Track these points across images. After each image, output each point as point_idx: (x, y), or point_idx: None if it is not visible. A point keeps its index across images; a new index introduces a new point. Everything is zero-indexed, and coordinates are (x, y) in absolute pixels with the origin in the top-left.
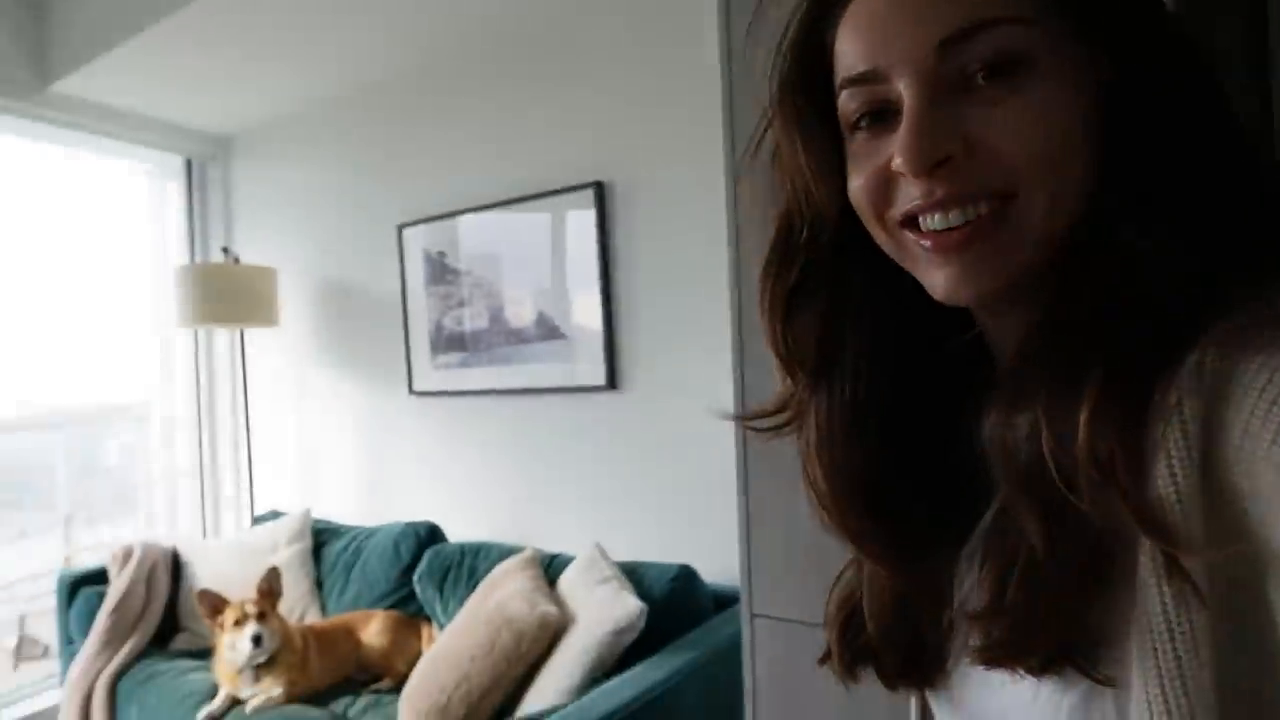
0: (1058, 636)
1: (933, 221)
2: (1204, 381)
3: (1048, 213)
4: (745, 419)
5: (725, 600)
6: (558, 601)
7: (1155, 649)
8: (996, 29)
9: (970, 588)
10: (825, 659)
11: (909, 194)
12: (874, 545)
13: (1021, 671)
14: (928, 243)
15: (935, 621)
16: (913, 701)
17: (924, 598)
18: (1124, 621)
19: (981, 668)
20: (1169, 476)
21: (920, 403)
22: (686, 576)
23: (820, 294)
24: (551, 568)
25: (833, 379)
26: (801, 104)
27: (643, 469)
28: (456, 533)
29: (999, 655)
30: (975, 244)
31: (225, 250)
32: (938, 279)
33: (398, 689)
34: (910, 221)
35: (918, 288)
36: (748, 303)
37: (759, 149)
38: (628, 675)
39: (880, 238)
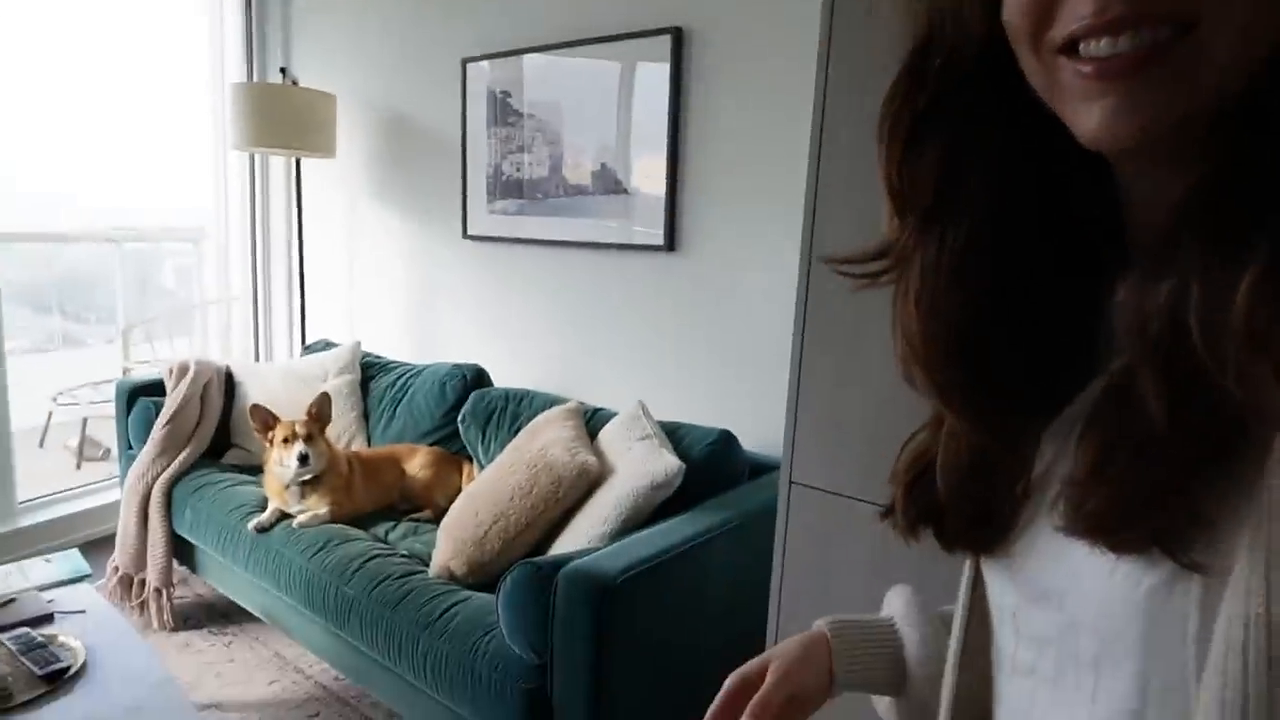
0: (1159, 516)
1: (1098, 47)
2: None
3: (1234, 47)
4: (843, 261)
5: (761, 468)
6: (597, 453)
7: (1271, 535)
8: None
9: (1056, 456)
10: (888, 514)
11: (1077, 11)
12: (961, 399)
13: (1104, 547)
14: (1088, 68)
15: (1009, 487)
16: (966, 567)
17: (1003, 460)
18: (1230, 508)
19: (1056, 539)
20: None
21: (1037, 261)
22: (726, 440)
23: (948, 127)
24: (593, 421)
25: (946, 221)
26: None
27: (692, 333)
28: (502, 378)
29: (1089, 526)
30: (1145, 70)
31: (283, 71)
32: (1093, 112)
33: (437, 521)
34: (1070, 47)
35: (1058, 136)
36: (827, 168)
37: None
38: (660, 527)
39: (1030, 65)
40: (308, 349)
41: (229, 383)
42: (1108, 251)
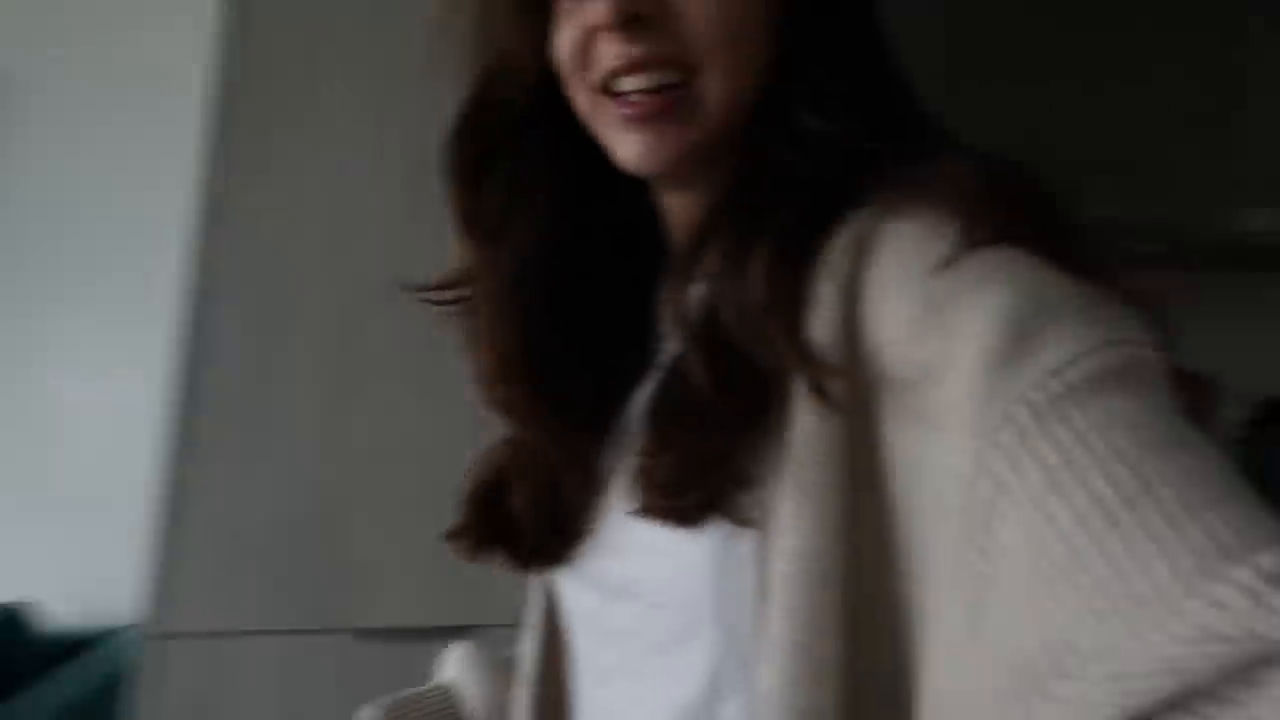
0: (715, 480)
1: (629, 83)
2: (857, 244)
3: (727, 90)
4: (428, 289)
5: (80, 644)
6: None
7: (800, 473)
8: None
9: (624, 452)
10: (454, 536)
11: (609, 53)
12: (533, 413)
13: (673, 521)
14: (625, 111)
15: (584, 492)
16: (536, 592)
17: (575, 467)
18: (771, 466)
19: (631, 530)
20: (822, 323)
21: (593, 278)
22: (6, 621)
23: (510, 156)
24: None
25: (507, 242)
26: None
27: None
28: None
29: (657, 502)
30: (664, 115)
31: None
32: (629, 145)
33: None
34: (607, 88)
35: (604, 165)
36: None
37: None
38: None
39: (578, 100)
40: None
41: None
42: (659, 267)
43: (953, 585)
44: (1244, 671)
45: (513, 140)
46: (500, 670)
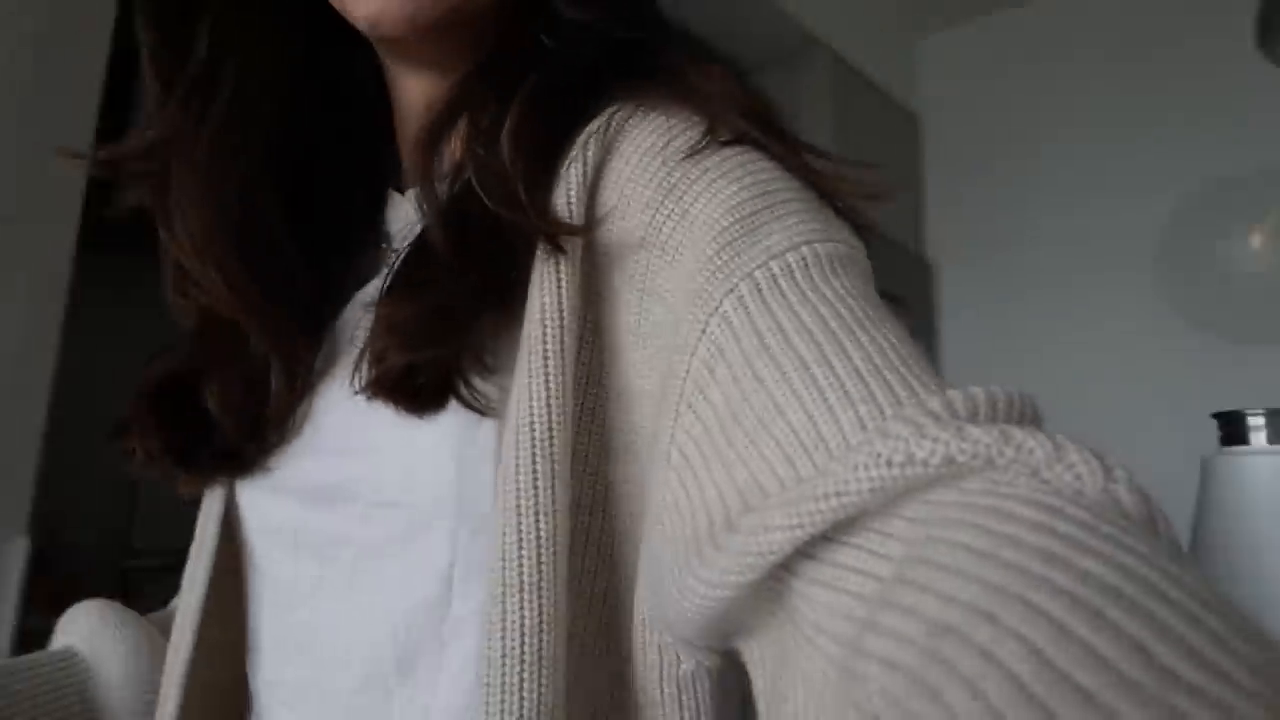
0: (454, 360)
1: None
2: (606, 134)
3: None
4: (106, 160)
5: None
6: None
7: (542, 350)
8: None
9: (344, 341)
10: (124, 440)
11: None
12: (245, 297)
13: (406, 407)
14: None
15: (288, 389)
16: (210, 510)
17: (283, 365)
18: (508, 353)
19: (346, 428)
20: (565, 199)
21: (317, 158)
22: None
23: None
24: None
25: (217, 94)
26: None
27: None
28: None
29: (391, 383)
30: None
31: None
32: (368, 1)
33: None
34: None
35: (332, 30)
36: None
37: None
38: None
39: None
40: None
41: None
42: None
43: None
44: (920, 491)
45: None
46: (140, 629)
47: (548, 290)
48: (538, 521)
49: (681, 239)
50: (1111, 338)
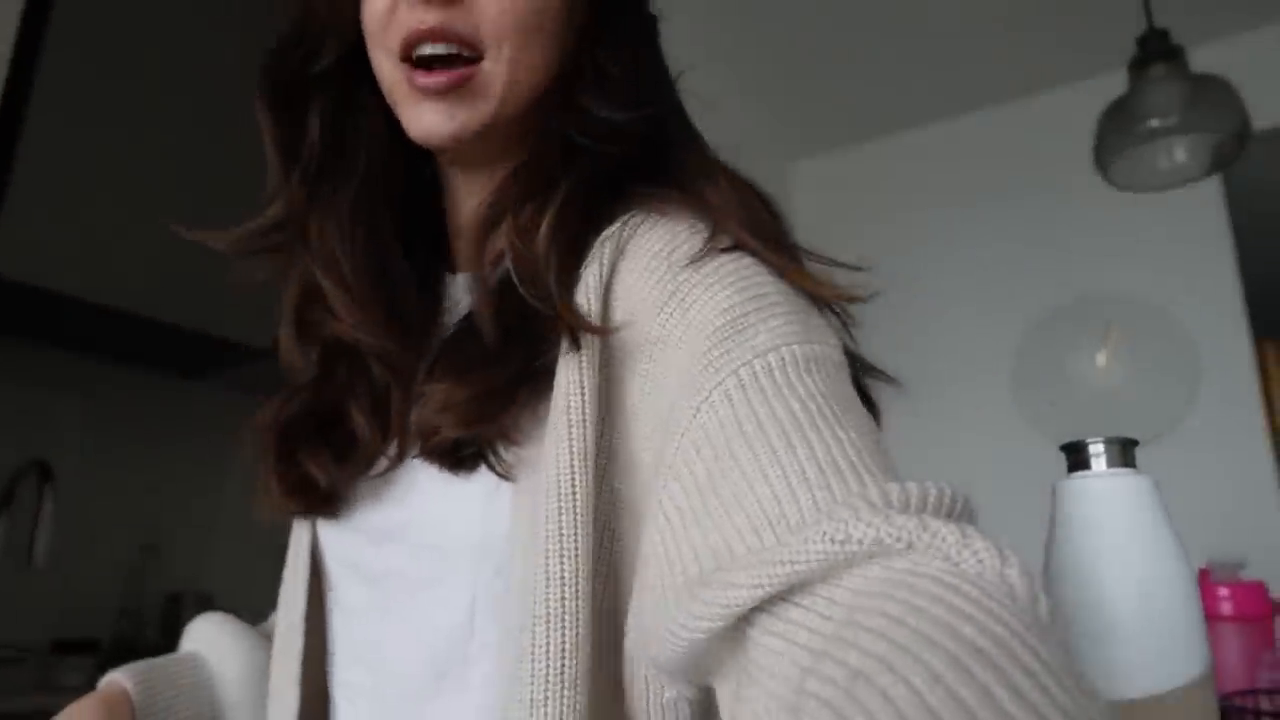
0: (490, 430)
1: (423, 49)
2: (620, 239)
3: (514, 75)
4: (237, 240)
5: None
6: None
7: (566, 422)
8: None
9: (405, 404)
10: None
11: (409, 18)
12: (389, 331)
13: (448, 467)
14: (421, 79)
15: (379, 437)
16: (301, 543)
17: (401, 374)
18: (531, 429)
19: (402, 480)
20: (585, 297)
21: (387, 239)
22: None
23: (327, 100)
24: None
25: (336, 180)
26: None
27: None
28: None
29: (440, 447)
30: (454, 93)
31: None
32: (421, 118)
33: None
34: (407, 57)
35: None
36: None
37: None
38: None
39: (381, 65)
40: None
41: None
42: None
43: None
44: (852, 567)
45: (330, 84)
46: (251, 636)
47: (572, 374)
48: (562, 563)
49: (681, 335)
50: (969, 450)
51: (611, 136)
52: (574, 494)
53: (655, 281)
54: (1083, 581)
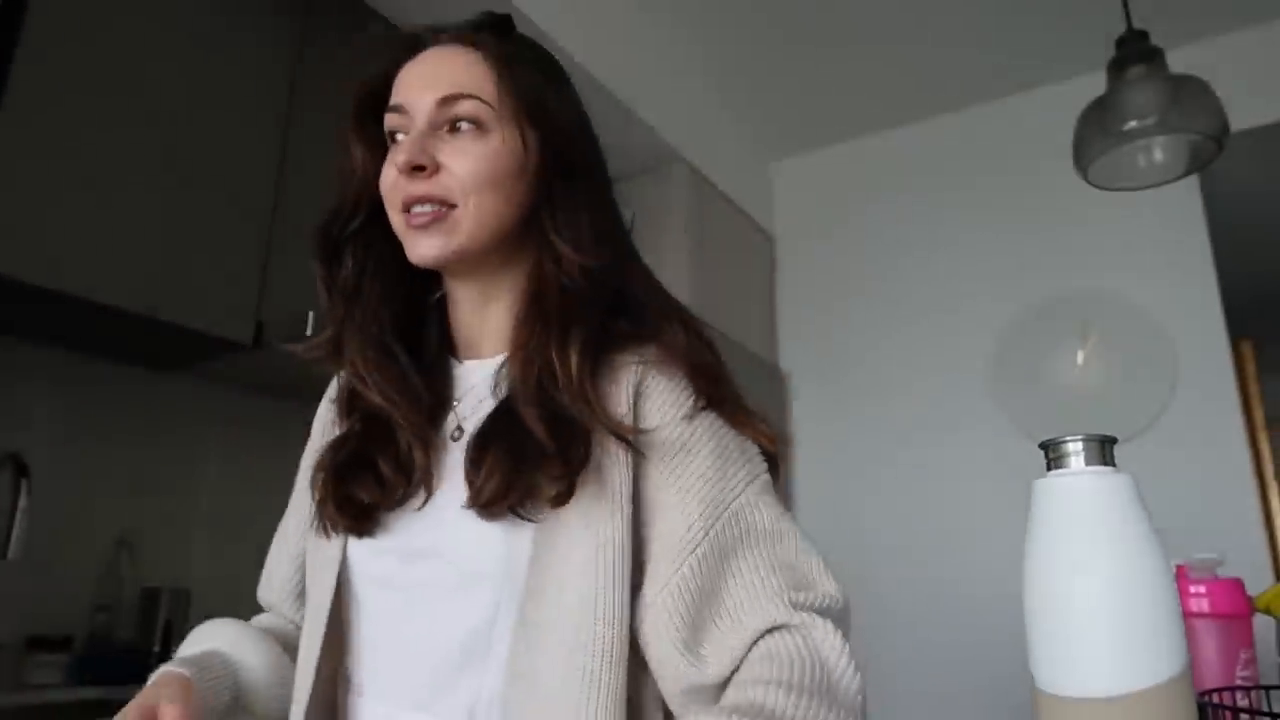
0: (522, 493)
1: (415, 209)
2: (640, 376)
3: (476, 219)
4: (302, 347)
5: None
6: None
7: (600, 490)
8: (469, 100)
9: (449, 452)
10: (324, 521)
11: (402, 187)
12: (401, 391)
13: (485, 517)
14: (412, 221)
15: (406, 481)
16: (332, 555)
17: (418, 431)
18: (565, 485)
19: (438, 513)
20: (618, 410)
21: (414, 329)
22: None
23: (359, 248)
24: None
25: (362, 301)
26: (373, 123)
27: None
28: None
29: (484, 507)
30: (433, 227)
31: None
32: (416, 246)
33: None
34: (407, 209)
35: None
36: None
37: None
38: None
39: (394, 220)
40: None
41: None
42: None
43: (661, 584)
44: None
45: (360, 236)
46: (269, 637)
47: (621, 465)
48: (612, 587)
49: (689, 472)
50: (949, 448)
51: (589, 280)
52: (618, 540)
53: (670, 427)
54: (1061, 579)
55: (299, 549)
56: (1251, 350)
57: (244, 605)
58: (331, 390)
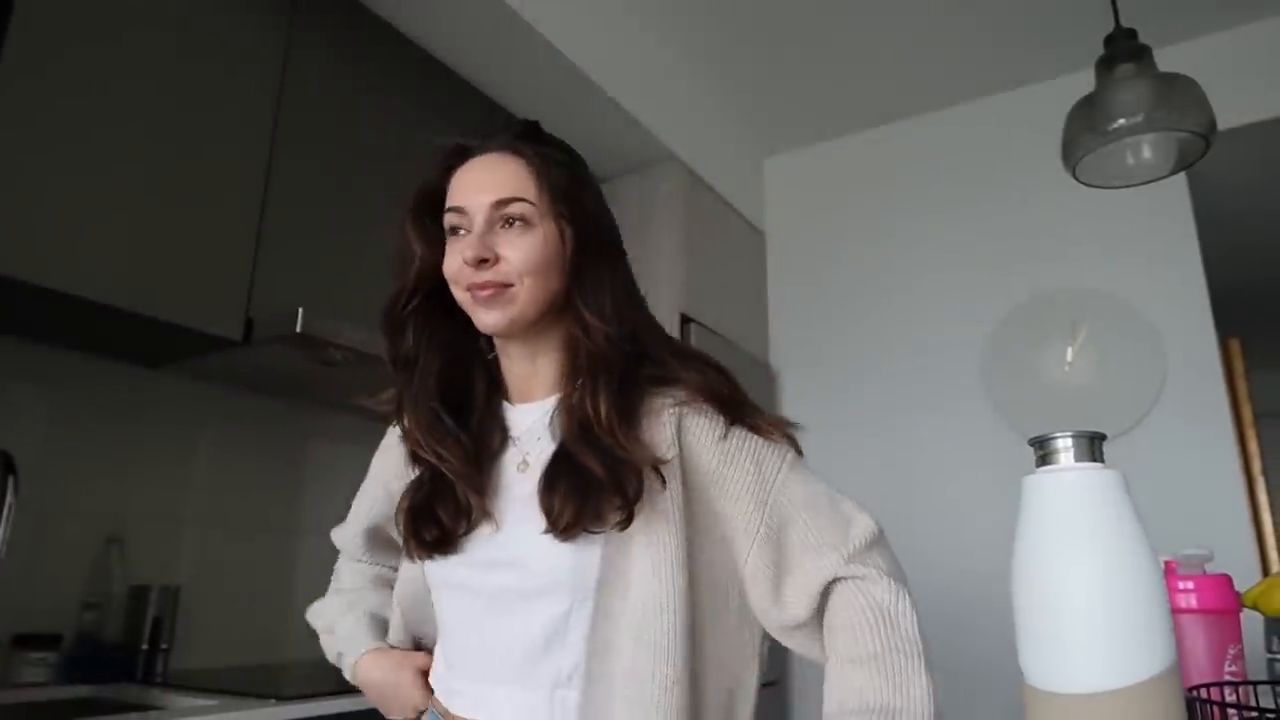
0: (590, 521)
1: (479, 289)
2: (678, 415)
3: (528, 295)
4: (371, 401)
5: None
6: None
7: (654, 514)
8: (518, 202)
9: (514, 487)
10: (409, 550)
11: (469, 275)
12: (448, 449)
13: (560, 537)
14: (478, 296)
15: (466, 509)
16: (417, 569)
17: (474, 487)
18: (623, 510)
19: (513, 532)
20: (664, 446)
21: (469, 380)
22: None
23: (420, 321)
24: None
25: (418, 366)
26: (430, 212)
27: None
28: None
29: (561, 530)
30: (494, 301)
31: None
32: (483, 317)
33: None
34: (470, 290)
35: (470, 329)
36: None
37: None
38: None
39: (459, 295)
40: None
41: None
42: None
43: (743, 560)
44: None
45: (422, 311)
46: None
47: (673, 495)
48: (673, 592)
49: (733, 477)
50: (940, 444)
51: (611, 343)
52: (673, 548)
53: (709, 450)
54: (1050, 574)
55: (368, 521)
56: (1239, 347)
57: (234, 602)
58: (394, 427)
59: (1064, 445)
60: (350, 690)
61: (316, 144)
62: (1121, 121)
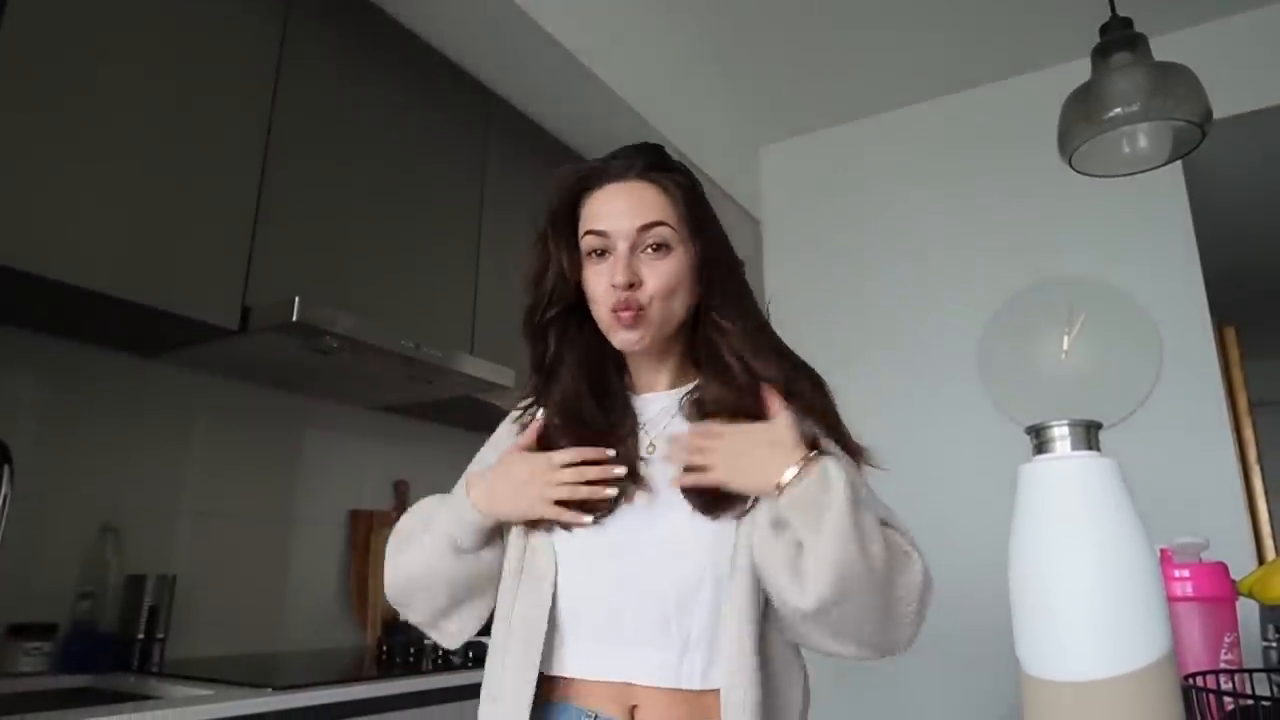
0: (735, 500)
1: (622, 310)
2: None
3: (662, 315)
4: (521, 409)
5: None
6: None
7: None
8: (660, 226)
9: (651, 470)
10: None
11: (616, 298)
12: (586, 438)
13: (705, 515)
14: (620, 316)
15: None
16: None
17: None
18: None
19: (657, 509)
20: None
21: (605, 384)
22: None
23: (557, 330)
24: None
25: (557, 373)
26: (565, 232)
27: None
28: None
29: (707, 509)
30: (635, 323)
31: None
32: (624, 335)
33: None
34: (613, 310)
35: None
36: None
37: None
38: None
39: (599, 313)
40: None
41: None
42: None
43: None
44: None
45: (558, 322)
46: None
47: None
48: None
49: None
50: (937, 432)
51: (732, 333)
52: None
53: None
54: (1046, 562)
55: None
56: (1235, 335)
57: (230, 590)
58: (512, 416)
59: (1060, 433)
60: (345, 680)
61: (312, 132)
62: (1117, 110)
